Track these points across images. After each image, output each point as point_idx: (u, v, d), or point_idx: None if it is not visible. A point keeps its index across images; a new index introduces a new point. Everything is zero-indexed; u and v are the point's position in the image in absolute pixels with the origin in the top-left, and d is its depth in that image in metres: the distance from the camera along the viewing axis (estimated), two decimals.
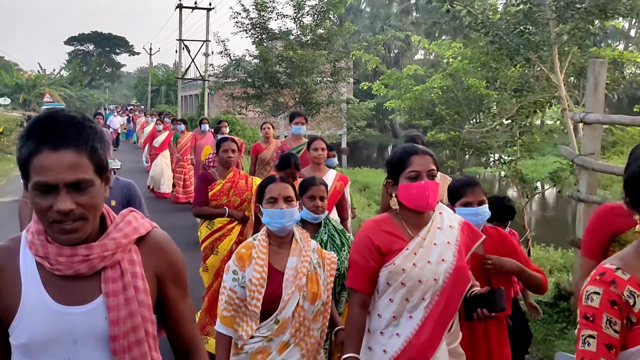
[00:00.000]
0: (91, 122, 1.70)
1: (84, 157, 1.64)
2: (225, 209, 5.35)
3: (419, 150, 2.74)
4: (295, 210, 3.09)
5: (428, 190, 2.65)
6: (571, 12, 6.98)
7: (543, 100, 7.90)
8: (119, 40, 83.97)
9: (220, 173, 5.51)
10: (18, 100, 50.61)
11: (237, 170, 5.65)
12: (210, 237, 5.43)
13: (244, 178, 5.60)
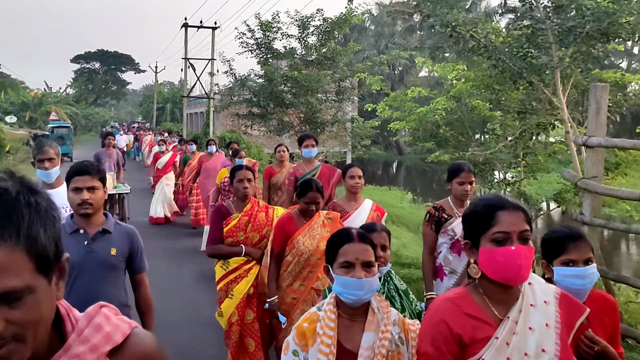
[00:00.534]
0: (30, 196, 1.18)
1: (16, 253, 1.08)
2: (242, 247, 4.75)
3: (507, 204, 2.15)
4: (376, 279, 2.47)
5: (520, 258, 2.05)
6: (573, 36, 7.05)
7: (546, 122, 7.95)
8: (125, 58, 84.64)
9: (236, 205, 4.89)
10: (24, 119, 50.89)
11: (255, 201, 5.00)
12: (225, 279, 4.86)
13: (264, 210, 4.95)
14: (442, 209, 4.67)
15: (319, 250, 4.29)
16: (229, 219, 4.79)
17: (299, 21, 17.76)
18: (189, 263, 9.84)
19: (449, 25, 7.38)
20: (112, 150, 11.40)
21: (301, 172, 6.89)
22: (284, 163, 8.08)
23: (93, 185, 3.36)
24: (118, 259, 3.46)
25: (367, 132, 19.12)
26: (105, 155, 11.22)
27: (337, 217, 4.61)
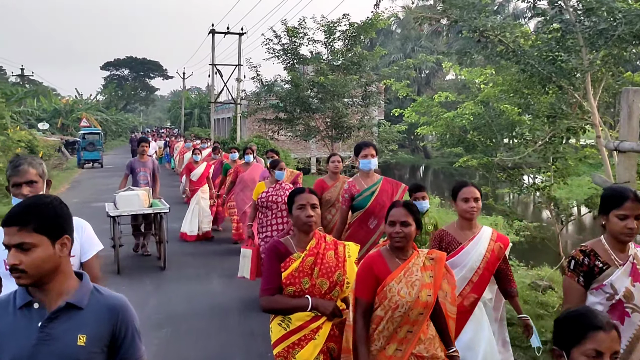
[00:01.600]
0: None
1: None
2: (308, 298, 3.52)
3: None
4: None
5: None
6: (604, 39, 6.93)
7: (576, 127, 7.84)
8: (153, 65, 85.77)
9: (297, 241, 3.65)
10: (56, 125, 51.75)
11: (320, 235, 3.72)
12: (284, 341, 3.57)
13: (333, 247, 3.68)
14: (594, 254, 3.29)
15: (419, 301, 3.34)
16: (289, 260, 3.55)
17: (325, 26, 17.79)
18: (218, 269, 9.89)
19: (477, 30, 7.32)
20: (146, 158, 10.56)
21: (358, 188, 5.92)
22: (338, 176, 7.11)
23: (23, 243, 2.14)
24: (90, 351, 2.21)
25: (394, 136, 19.08)
26: (139, 164, 10.44)
27: (442, 258, 3.55)
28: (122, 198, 9.35)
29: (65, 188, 23.39)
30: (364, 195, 5.90)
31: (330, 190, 6.96)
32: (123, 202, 9.31)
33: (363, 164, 5.96)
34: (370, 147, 6.02)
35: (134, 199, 9.30)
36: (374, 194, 5.89)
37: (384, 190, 5.93)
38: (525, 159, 8.76)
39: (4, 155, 21.87)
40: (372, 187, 5.94)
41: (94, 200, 19.14)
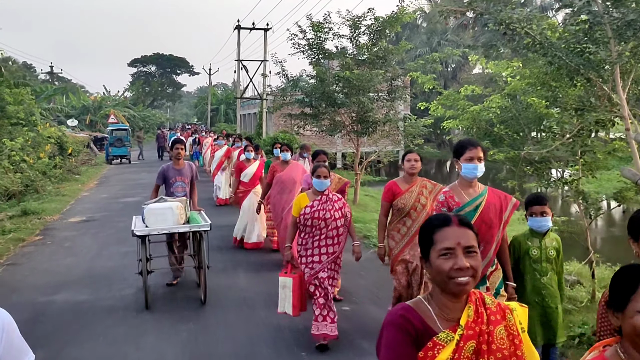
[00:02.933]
0: None
1: None
2: None
3: None
4: None
5: None
6: (633, 30, 6.82)
7: (605, 119, 7.72)
8: (180, 61, 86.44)
9: (439, 308, 2.18)
10: (85, 122, 52.58)
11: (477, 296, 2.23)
12: None
13: (500, 316, 2.20)
14: None
15: None
16: (432, 346, 2.07)
17: (350, 21, 17.74)
18: (244, 263, 9.98)
19: (503, 22, 7.25)
20: (182, 164, 8.59)
21: (458, 200, 4.53)
22: (414, 178, 6.21)
23: None
24: None
25: (420, 130, 18.95)
26: (174, 173, 8.50)
27: None
28: (153, 212, 7.44)
29: (94, 184, 23.75)
30: (465, 210, 4.47)
31: (404, 196, 6.11)
32: (153, 217, 7.42)
33: (467, 169, 4.46)
34: (478, 148, 4.46)
35: (166, 213, 7.44)
36: (479, 209, 4.51)
37: (490, 204, 4.55)
38: (553, 153, 8.64)
39: (34, 151, 22.29)
40: (475, 199, 4.53)
41: (122, 196, 19.42)
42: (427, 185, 6.25)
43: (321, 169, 6.14)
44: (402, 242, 6.18)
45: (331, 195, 6.21)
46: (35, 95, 28.11)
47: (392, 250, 6.25)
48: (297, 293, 6.15)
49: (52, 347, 6.42)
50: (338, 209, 6.13)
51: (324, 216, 6.02)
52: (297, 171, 9.28)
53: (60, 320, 7.32)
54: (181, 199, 8.01)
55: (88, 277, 9.35)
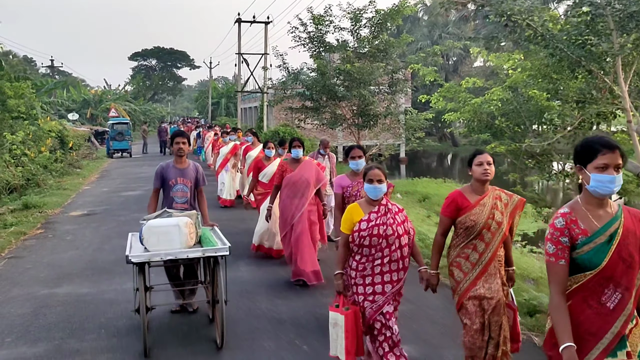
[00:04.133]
0: None
1: None
2: None
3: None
4: None
5: None
6: (635, 22, 6.81)
7: (607, 112, 7.71)
8: (180, 55, 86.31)
9: None
10: (86, 116, 52.61)
11: None
12: None
13: None
14: None
15: None
16: None
17: (351, 14, 17.73)
18: (245, 256, 9.98)
19: (504, 14, 7.24)
20: (185, 163, 6.89)
21: (584, 227, 3.07)
22: (486, 187, 4.68)
23: None
24: None
25: (421, 124, 18.96)
26: (174, 173, 6.81)
27: None
28: (154, 231, 5.79)
29: (95, 177, 23.75)
30: (596, 242, 3.04)
31: (474, 212, 4.60)
32: (155, 237, 5.76)
33: (600, 182, 3.01)
34: (616, 152, 3.00)
35: (172, 232, 5.80)
36: (614, 241, 3.04)
37: (629, 231, 3.08)
38: (554, 145, 8.65)
39: (35, 145, 22.30)
40: (609, 226, 3.07)
41: (124, 190, 19.43)
42: (501, 197, 4.73)
43: (374, 172, 4.81)
44: (474, 272, 4.64)
45: (390, 205, 4.88)
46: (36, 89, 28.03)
47: (460, 283, 4.69)
48: (351, 334, 4.76)
49: (54, 339, 6.43)
50: (400, 222, 4.83)
51: (385, 233, 4.71)
52: (310, 170, 8.08)
53: (61, 313, 7.32)
54: (190, 212, 6.28)
55: (90, 270, 9.36)
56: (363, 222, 4.73)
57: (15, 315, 7.25)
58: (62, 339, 6.43)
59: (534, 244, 14.62)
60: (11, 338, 6.51)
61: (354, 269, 4.85)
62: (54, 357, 5.97)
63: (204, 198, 7.03)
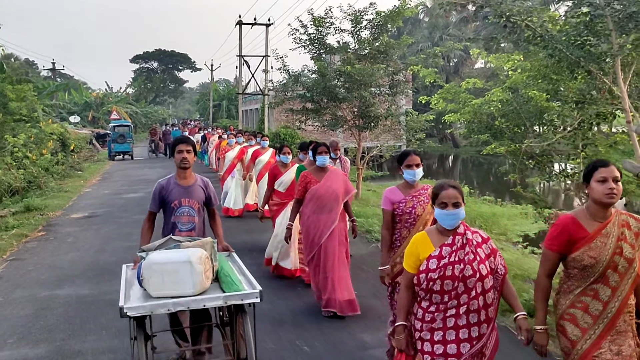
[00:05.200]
0: None
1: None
2: None
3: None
4: None
5: None
6: (635, 22, 6.83)
7: (606, 112, 7.73)
8: (182, 57, 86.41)
9: None
10: (87, 118, 52.66)
11: None
12: None
13: None
14: None
15: None
16: None
17: (352, 15, 17.72)
18: (245, 258, 9.98)
19: (503, 15, 7.26)
20: (190, 178, 5.41)
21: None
22: (609, 212, 3.54)
23: None
24: None
25: (422, 125, 18.93)
26: (177, 192, 5.33)
27: None
28: (157, 269, 4.37)
29: (96, 180, 23.79)
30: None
31: (593, 245, 3.50)
32: (158, 277, 4.35)
33: None
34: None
35: (182, 271, 4.35)
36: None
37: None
38: (554, 146, 8.67)
39: (37, 147, 22.34)
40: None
41: (125, 192, 19.47)
42: (629, 223, 3.55)
43: (448, 192, 3.62)
44: (596, 328, 3.52)
45: (470, 235, 3.70)
46: (37, 92, 28.12)
47: (576, 343, 3.55)
48: None
49: (55, 340, 6.46)
50: (484, 258, 3.63)
51: (463, 273, 3.55)
52: (338, 180, 6.97)
53: (63, 314, 7.36)
54: (204, 241, 4.83)
55: (91, 272, 9.39)
56: (432, 259, 3.58)
57: (17, 317, 7.28)
58: (63, 340, 6.46)
59: (535, 245, 14.65)
60: (13, 339, 6.54)
61: (419, 319, 3.69)
62: (55, 358, 6.00)
63: (218, 220, 5.66)
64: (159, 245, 4.85)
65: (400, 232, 5.12)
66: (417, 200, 5.08)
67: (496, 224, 15.13)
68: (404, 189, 5.14)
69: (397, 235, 5.13)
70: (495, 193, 21.75)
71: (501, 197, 20.86)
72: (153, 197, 5.37)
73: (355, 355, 5.95)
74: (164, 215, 5.42)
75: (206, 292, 4.46)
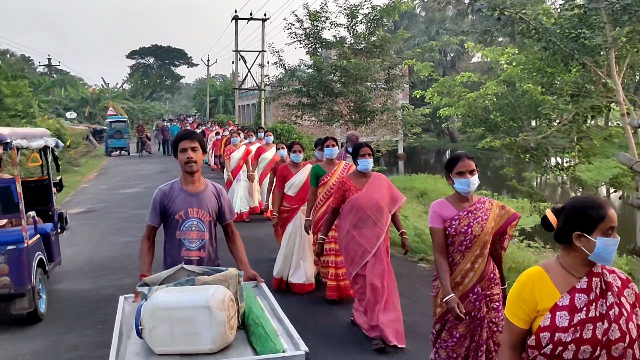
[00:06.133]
0: None
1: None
2: None
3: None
4: None
5: None
6: (628, 15, 6.84)
7: (600, 105, 7.75)
8: (178, 53, 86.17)
9: None
10: (84, 114, 52.56)
11: None
12: None
13: None
14: None
15: None
16: None
17: (348, 10, 17.73)
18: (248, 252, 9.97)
19: (497, 8, 7.27)
20: (200, 183, 4.24)
21: None
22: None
23: None
24: None
25: (418, 119, 18.98)
26: (182, 200, 4.16)
27: None
28: (163, 316, 3.12)
29: (93, 175, 23.79)
30: None
31: None
32: (166, 328, 3.10)
33: None
34: None
35: (198, 320, 3.10)
36: None
37: None
38: (549, 139, 8.68)
39: None
40: None
41: (122, 187, 19.47)
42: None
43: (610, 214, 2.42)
44: None
45: (608, 275, 2.50)
46: (33, 88, 28.04)
47: None
48: None
49: (51, 335, 6.47)
50: (630, 312, 2.44)
51: (607, 337, 2.36)
52: (381, 188, 5.82)
53: (60, 309, 7.35)
54: (228, 274, 3.50)
55: (88, 267, 9.39)
56: (561, 311, 2.39)
57: None
58: (59, 335, 6.47)
59: (531, 239, 14.67)
60: (8, 334, 6.54)
61: None
62: (51, 352, 6.01)
63: (239, 240, 4.52)
64: (166, 278, 3.65)
65: (452, 257, 4.05)
66: (473, 217, 3.99)
67: None
68: (456, 202, 4.07)
69: (449, 261, 4.07)
70: (492, 187, 21.72)
71: (498, 191, 20.87)
72: (152, 207, 4.18)
73: None
74: (165, 230, 4.24)
75: (229, 347, 3.18)
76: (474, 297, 4.04)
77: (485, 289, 4.06)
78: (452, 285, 3.99)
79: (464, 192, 4.03)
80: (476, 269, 4.02)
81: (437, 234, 4.05)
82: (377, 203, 5.70)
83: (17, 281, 6.42)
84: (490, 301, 4.07)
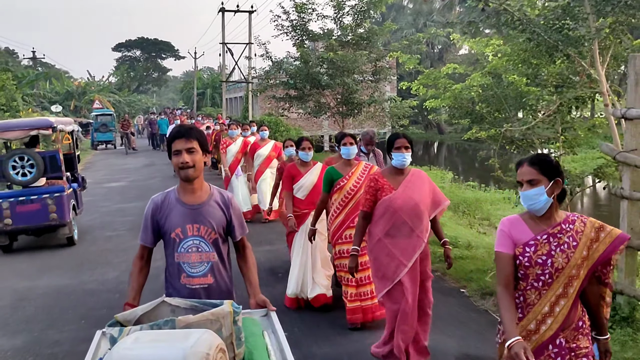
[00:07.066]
0: None
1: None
2: None
3: None
4: None
5: None
6: (611, 5, 6.84)
7: (584, 96, 7.75)
8: (165, 45, 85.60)
9: None
10: (69, 108, 52.08)
11: None
12: None
13: None
14: None
15: None
16: None
17: (334, 1, 17.66)
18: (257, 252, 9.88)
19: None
20: (202, 192, 3.45)
21: None
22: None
23: None
24: None
25: (405, 111, 18.95)
26: (180, 214, 3.36)
27: None
28: None
29: (79, 169, 23.59)
30: None
31: None
32: None
33: None
34: None
35: None
36: None
37: None
38: (534, 130, 8.68)
39: None
40: None
41: (107, 181, 19.36)
42: None
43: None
44: None
45: None
46: (17, 81, 27.74)
47: None
48: None
49: (33, 331, 6.41)
50: None
51: None
52: (422, 188, 4.87)
53: (41, 305, 7.30)
54: (219, 312, 2.77)
55: (71, 262, 9.32)
56: None
57: None
58: (41, 331, 6.42)
59: None
60: None
61: None
62: (33, 348, 5.96)
63: (251, 258, 3.69)
64: (142, 316, 2.89)
65: (523, 295, 3.10)
66: (556, 243, 2.99)
67: (479, 209, 15.17)
68: (534, 222, 3.07)
69: (519, 300, 3.11)
70: (479, 179, 21.80)
71: (485, 182, 20.96)
72: (144, 223, 3.45)
73: None
74: (165, 251, 3.48)
75: None
76: (554, 352, 3.02)
77: (570, 341, 3.04)
78: (524, 334, 2.99)
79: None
80: (557, 313, 3.00)
81: (503, 261, 3.07)
82: (416, 206, 4.73)
83: (61, 216, 9.94)
84: (575, 356, 3.02)
